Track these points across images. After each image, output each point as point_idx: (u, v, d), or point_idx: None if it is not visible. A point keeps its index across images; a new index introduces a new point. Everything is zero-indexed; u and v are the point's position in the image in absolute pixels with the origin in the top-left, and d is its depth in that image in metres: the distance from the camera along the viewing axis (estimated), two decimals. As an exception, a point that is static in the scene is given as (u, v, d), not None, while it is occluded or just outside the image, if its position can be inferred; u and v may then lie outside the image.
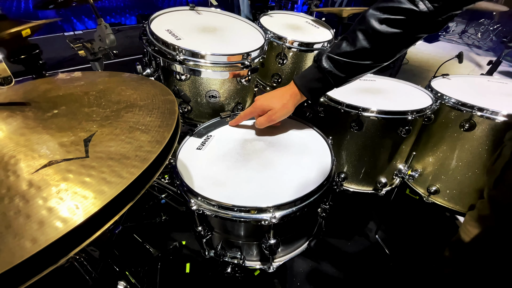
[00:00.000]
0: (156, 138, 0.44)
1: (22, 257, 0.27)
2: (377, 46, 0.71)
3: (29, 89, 0.58)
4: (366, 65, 0.75)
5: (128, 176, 0.37)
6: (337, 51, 0.75)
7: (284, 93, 0.88)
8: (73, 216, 0.31)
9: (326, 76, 0.79)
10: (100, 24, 0.89)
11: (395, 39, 0.69)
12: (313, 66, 0.82)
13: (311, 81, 0.82)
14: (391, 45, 0.72)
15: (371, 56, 0.73)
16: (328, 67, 0.77)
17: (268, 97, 0.90)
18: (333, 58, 0.76)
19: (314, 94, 0.84)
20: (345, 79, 0.80)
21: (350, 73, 0.78)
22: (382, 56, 0.74)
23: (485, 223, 0.89)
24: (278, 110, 0.88)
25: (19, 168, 0.37)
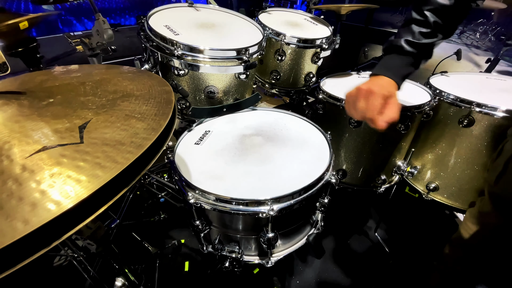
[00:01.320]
0: (152, 126, 0.44)
1: (14, 238, 0.27)
2: (447, 19, 0.76)
3: (25, 80, 0.58)
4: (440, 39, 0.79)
5: (123, 161, 0.36)
6: (412, 35, 0.78)
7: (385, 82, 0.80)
8: (66, 199, 0.31)
9: (417, 59, 0.81)
10: (98, 19, 0.89)
11: (460, 8, 0.75)
12: (395, 56, 0.81)
13: (402, 67, 0.81)
14: (456, 15, 0.77)
15: (443, 30, 0.78)
16: (413, 50, 0.79)
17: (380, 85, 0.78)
18: (414, 43, 0.78)
19: (404, 79, 0.83)
20: (426, 58, 0.82)
21: (428, 52, 0.81)
22: (452, 28, 0.79)
23: (486, 220, 0.88)
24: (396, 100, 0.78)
25: (13, 153, 0.36)
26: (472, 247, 0.93)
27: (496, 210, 0.84)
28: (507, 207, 0.81)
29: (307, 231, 0.90)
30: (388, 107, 0.75)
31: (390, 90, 0.77)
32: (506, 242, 0.87)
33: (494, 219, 0.85)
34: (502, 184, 0.81)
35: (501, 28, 5.36)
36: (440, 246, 1.07)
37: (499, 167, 0.81)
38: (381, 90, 0.75)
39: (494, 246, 0.89)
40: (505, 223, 0.83)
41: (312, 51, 1.35)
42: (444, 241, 1.06)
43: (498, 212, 0.84)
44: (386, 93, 0.75)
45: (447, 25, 0.77)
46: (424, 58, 0.82)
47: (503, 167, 0.80)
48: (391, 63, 0.82)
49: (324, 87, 1.20)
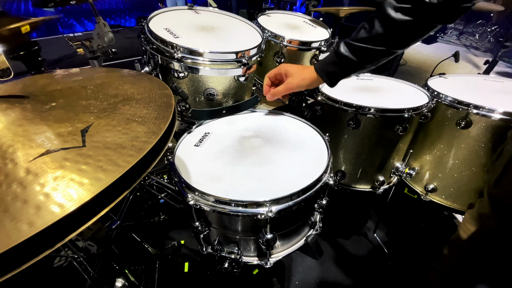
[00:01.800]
0: (152, 129, 0.45)
1: (19, 240, 0.28)
2: (391, 33, 0.75)
3: (28, 84, 0.59)
4: (380, 51, 0.78)
5: (124, 165, 0.37)
6: (354, 37, 0.79)
7: (305, 69, 0.91)
8: (70, 201, 0.32)
9: (341, 60, 0.82)
10: (98, 22, 0.90)
11: (407, 27, 0.73)
12: (332, 51, 0.85)
13: (327, 64, 0.86)
14: (404, 33, 0.75)
15: (386, 42, 0.77)
16: (344, 51, 0.80)
17: (292, 66, 0.93)
18: (349, 44, 0.80)
19: (331, 77, 0.87)
20: (360, 65, 0.82)
21: (365, 59, 0.81)
22: (396, 42, 0.77)
23: (485, 221, 0.89)
24: (295, 78, 0.91)
25: (17, 157, 0.37)
26: (470, 248, 0.94)
27: (495, 212, 0.85)
28: (506, 209, 0.82)
29: (305, 232, 0.91)
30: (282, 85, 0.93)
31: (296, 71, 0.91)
32: (505, 243, 0.87)
33: (493, 221, 0.86)
34: (501, 186, 0.82)
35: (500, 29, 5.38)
36: (438, 247, 1.08)
37: (499, 169, 0.82)
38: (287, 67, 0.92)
39: (492, 247, 0.90)
40: (504, 225, 0.83)
41: (311, 54, 1.37)
42: (442, 242, 1.06)
43: (497, 214, 0.84)
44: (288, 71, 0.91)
45: (390, 38, 0.76)
46: (359, 64, 0.81)
47: (502, 169, 0.81)
48: (326, 57, 0.88)
49: (323, 89, 1.21)
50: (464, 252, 0.96)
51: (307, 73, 0.90)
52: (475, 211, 0.92)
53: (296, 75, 0.91)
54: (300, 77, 0.91)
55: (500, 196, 0.83)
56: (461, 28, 6.05)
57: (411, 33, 0.75)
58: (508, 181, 0.80)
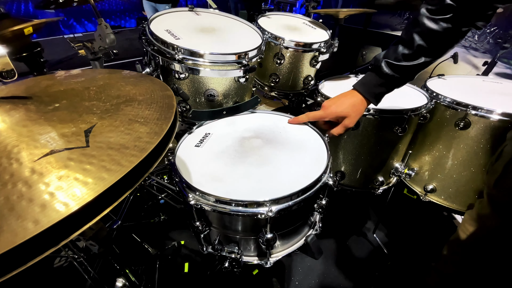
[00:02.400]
0: (154, 130, 0.46)
1: (25, 238, 0.29)
2: (433, 44, 0.77)
3: (31, 85, 0.59)
4: (423, 63, 0.80)
5: (127, 164, 0.38)
6: (395, 56, 0.81)
7: (353, 100, 0.90)
8: (74, 200, 0.33)
9: (388, 80, 0.84)
10: (100, 23, 0.91)
11: (447, 34, 0.75)
12: (373, 74, 0.86)
13: (375, 87, 0.87)
14: (444, 41, 0.77)
15: (428, 53, 0.78)
16: (389, 72, 0.82)
17: (340, 105, 0.91)
18: (392, 64, 0.81)
19: (379, 97, 0.89)
20: (405, 81, 0.85)
21: (409, 74, 0.83)
22: (438, 51, 0.79)
23: (484, 222, 0.89)
24: (353, 117, 0.91)
25: (21, 157, 0.38)
26: (470, 248, 0.94)
27: (495, 212, 0.85)
28: (506, 210, 0.82)
29: (305, 232, 0.92)
30: (341, 126, 0.91)
31: (350, 110, 0.89)
32: (505, 244, 0.87)
33: (493, 221, 0.86)
34: (501, 187, 0.82)
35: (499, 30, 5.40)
36: (438, 247, 1.08)
37: (499, 170, 0.82)
38: (338, 110, 0.90)
39: (492, 248, 0.90)
40: (504, 225, 0.84)
41: (311, 55, 1.38)
42: (442, 242, 1.07)
43: (497, 214, 0.84)
44: (340, 113, 0.90)
45: (433, 49, 0.78)
46: (403, 80, 0.84)
47: (502, 170, 0.81)
48: (368, 80, 0.88)
49: (323, 90, 1.22)
50: (463, 252, 0.96)
51: (362, 107, 0.89)
52: (475, 212, 0.93)
53: (353, 114, 0.90)
54: (358, 115, 0.91)
55: (500, 197, 0.83)
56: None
57: (452, 39, 0.77)
58: (508, 182, 0.80)
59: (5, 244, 0.28)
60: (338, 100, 0.92)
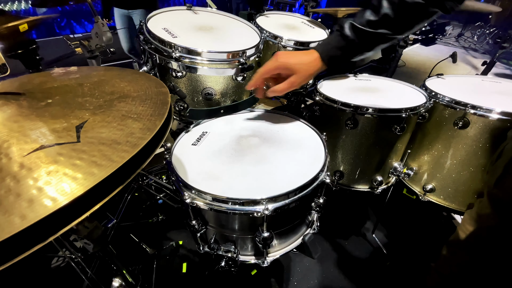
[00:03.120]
0: (147, 126, 0.45)
1: (11, 232, 0.28)
2: (400, 15, 0.73)
3: (24, 82, 0.59)
4: (383, 35, 0.76)
5: (118, 160, 0.37)
6: (360, 20, 0.76)
7: (307, 57, 0.85)
8: (62, 195, 0.32)
9: (348, 44, 0.79)
10: (97, 21, 0.91)
11: (416, 9, 0.72)
12: (336, 34, 0.81)
13: (333, 48, 0.82)
14: (413, 16, 0.74)
15: (392, 25, 0.75)
16: (350, 35, 0.77)
17: (293, 57, 0.85)
18: (356, 27, 0.76)
19: (332, 62, 0.84)
20: (360, 50, 0.80)
21: (368, 44, 0.79)
22: (402, 26, 0.76)
23: (484, 222, 0.88)
24: (301, 75, 0.85)
25: (11, 152, 0.37)
26: (470, 248, 0.93)
27: (495, 212, 0.84)
28: (507, 210, 0.81)
29: (303, 231, 0.91)
30: (286, 83, 0.86)
31: (301, 67, 0.84)
32: (505, 244, 0.87)
33: (493, 221, 0.85)
34: (502, 186, 0.81)
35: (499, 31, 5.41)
36: (437, 248, 1.07)
37: (499, 169, 0.81)
38: (290, 61, 0.84)
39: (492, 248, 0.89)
40: (504, 225, 0.83)
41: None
42: (441, 242, 1.06)
43: (497, 214, 0.83)
44: (291, 67, 0.84)
45: (397, 22, 0.74)
46: (360, 49, 0.80)
47: (503, 169, 0.80)
48: (330, 40, 0.83)
49: (321, 89, 1.21)
50: (463, 252, 0.96)
51: (313, 66, 0.84)
52: (475, 212, 0.92)
53: (302, 72, 0.84)
54: (306, 74, 0.85)
55: (500, 197, 0.82)
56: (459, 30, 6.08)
57: (417, 17, 0.74)
58: (508, 181, 0.79)
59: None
60: (294, 54, 0.87)
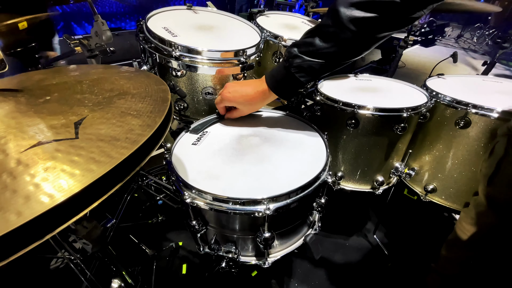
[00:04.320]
0: (147, 122, 0.44)
1: (7, 229, 0.27)
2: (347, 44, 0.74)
3: (23, 79, 0.58)
4: (332, 65, 0.79)
5: (117, 156, 0.37)
6: (310, 49, 0.78)
7: (252, 89, 0.89)
8: (60, 192, 0.31)
9: (295, 78, 0.82)
10: (97, 20, 0.90)
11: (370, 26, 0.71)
12: (282, 67, 0.83)
13: (280, 82, 0.85)
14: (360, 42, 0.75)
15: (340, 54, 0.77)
16: (297, 70, 0.80)
17: (238, 92, 0.91)
18: (304, 59, 0.78)
19: (285, 94, 0.88)
20: (314, 78, 0.83)
21: (316, 73, 0.81)
22: (350, 53, 0.78)
23: (481, 219, 0.88)
24: (243, 110, 0.95)
25: (8, 148, 0.37)
26: (468, 247, 0.93)
27: (490, 209, 0.84)
28: (502, 207, 0.82)
29: (304, 231, 0.90)
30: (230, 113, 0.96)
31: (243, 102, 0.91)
32: (502, 241, 0.86)
33: (489, 218, 0.85)
34: (495, 184, 0.82)
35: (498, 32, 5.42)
36: (438, 248, 1.07)
37: (492, 167, 0.82)
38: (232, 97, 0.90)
39: (490, 245, 0.89)
40: (500, 222, 0.83)
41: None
42: (442, 243, 1.05)
43: (493, 211, 0.84)
44: (233, 103, 0.92)
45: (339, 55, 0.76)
46: (309, 79, 0.82)
47: (495, 167, 0.81)
48: (276, 73, 0.86)
49: (322, 89, 1.21)
50: (462, 251, 0.96)
51: (258, 98, 0.89)
52: (471, 210, 0.92)
53: (245, 105, 0.92)
54: (250, 106, 0.94)
55: (494, 194, 0.83)
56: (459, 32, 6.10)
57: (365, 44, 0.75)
58: (501, 178, 0.80)
59: (-15, 236, 0.27)
60: (240, 87, 0.91)
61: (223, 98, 0.92)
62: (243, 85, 0.92)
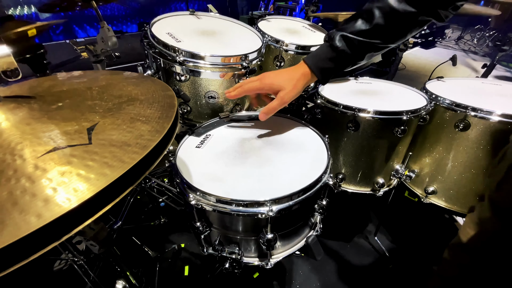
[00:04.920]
0: (156, 128, 0.46)
1: (28, 231, 0.29)
2: (391, 25, 0.72)
3: (34, 85, 0.60)
4: (374, 44, 0.76)
5: (129, 161, 0.39)
6: (351, 29, 0.75)
7: (294, 73, 0.84)
8: (77, 195, 0.33)
9: (339, 55, 0.78)
10: (103, 26, 0.92)
11: (408, 18, 0.71)
12: (325, 45, 0.80)
13: (323, 60, 0.80)
14: (403, 25, 0.73)
15: (384, 34, 0.74)
16: (341, 46, 0.76)
17: (278, 76, 0.85)
18: (347, 37, 0.75)
19: (325, 74, 0.83)
20: (353, 60, 0.79)
21: (360, 53, 0.78)
22: (394, 35, 0.75)
23: (485, 225, 0.87)
24: (289, 91, 0.83)
25: (25, 153, 0.39)
26: (471, 252, 0.93)
27: (496, 216, 0.83)
28: (508, 214, 0.80)
29: (306, 233, 0.91)
30: (276, 101, 0.85)
31: (286, 82, 0.83)
32: (506, 248, 0.86)
33: (494, 225, 0.84)
34: (503, 190, 0.80)
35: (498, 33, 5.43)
36: (439, 250, 1.07)
37: (501, 173, 0.80)
38: (274, 81, 0.83)
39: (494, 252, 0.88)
40: (505, 229, 0.82)
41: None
42: (444, 245, 1.06)
43: (498, 218, 0.82)
44: (277, 86, 0.83)
45: (388, 31, 0.74)
46: (351, 59, 0.79)
47: (504, 173, 0.79)
48: (319, 52, 0.82)
49: (322, 92, 1.22)
50: (464, 255, 0.95)
51: (299, 79, 0.84)
52: (476, 215, 0.91)
53: (288, 86, 0.83)
54: (293, 87, 0.84)
55: (501, 201, 0.81)
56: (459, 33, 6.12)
57: (411, 25, 0.73)
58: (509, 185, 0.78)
59: (8, 237, 0.28)
60: (277, 72, 0.86)
61: (265, 84, 0.84)
62: (282, 71, 0.86)
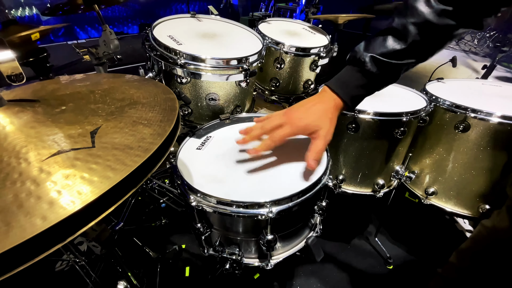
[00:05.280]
0: (157, 131, 0.47)
1: (33, 233, 0.30)
2: (428, 41, 0.63)
3: (38, 89, 0.61)
4: (410, 64, 0.67)
5: (131, 164, 0.39)
6: (382, 50, 0.65)
7: (325, 105, 0.73)
8: (81, 198, 0.34)
9: (372, 81, 0.69)
10: (105, 30, 0.93)
11: (446, 32, 0.63)
12: (354, 70, 0.70)
13: (355, 88, 0.71)
14: (440, 40, 0.65)
15: (419, 52, 0.66)
16: (375, 71, 0.66)
17: (308, 114, 0.74)
18: (379, 60, 0.65)
19: (356, 101, 0.73)
20: (388, 83, 0.71)
21: (395, 75, 0.69)
22: (428, 52, 0.67)
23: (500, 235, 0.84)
24: (329, 128, 0.73)
25: (29, 156, 0.39)
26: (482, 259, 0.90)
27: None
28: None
29: (306, 234, 0.92)
30: (320, 143, 0.73)
31: (323, 120, 0.72)
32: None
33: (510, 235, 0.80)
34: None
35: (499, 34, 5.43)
36: (440, 252, 1.06)
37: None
38: (309, 122, 0.72)
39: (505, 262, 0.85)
40: None
41: (310, 59, 1.39)
42: (444, 246, 1.05)
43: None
44: (313, 127, 0.73)
45: (424, 48, 0.65)
46: (386, 82, 0.70)
47: None
48: (348, 79, 0.72)
49: (322, 94, 1.23)
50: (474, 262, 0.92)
51: (334, 113, 0.73)
52: (490, 223, 0.87)
53: (325, 124, 0.73)
54: (330, 123, 0.73)
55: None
56: (459, 34, 6.10)
57: (448, 40, 0.65)
58: None
59: (14, 239, 0.29)
60: (307, 109, 0.75)
61: (298, 127, 0.75)
62: (308, 106, 0.74)
